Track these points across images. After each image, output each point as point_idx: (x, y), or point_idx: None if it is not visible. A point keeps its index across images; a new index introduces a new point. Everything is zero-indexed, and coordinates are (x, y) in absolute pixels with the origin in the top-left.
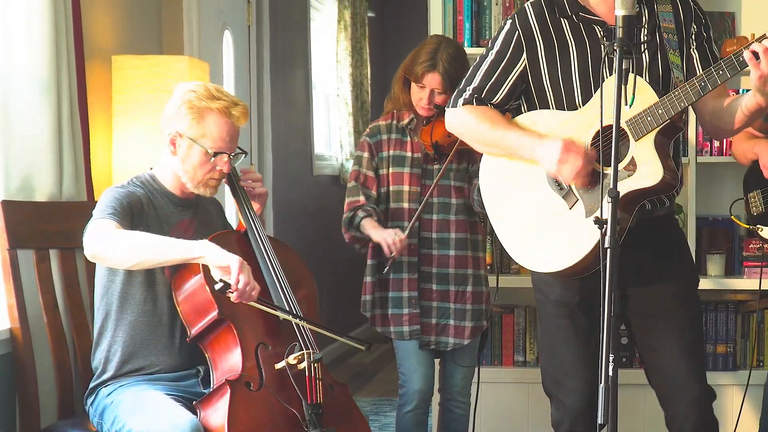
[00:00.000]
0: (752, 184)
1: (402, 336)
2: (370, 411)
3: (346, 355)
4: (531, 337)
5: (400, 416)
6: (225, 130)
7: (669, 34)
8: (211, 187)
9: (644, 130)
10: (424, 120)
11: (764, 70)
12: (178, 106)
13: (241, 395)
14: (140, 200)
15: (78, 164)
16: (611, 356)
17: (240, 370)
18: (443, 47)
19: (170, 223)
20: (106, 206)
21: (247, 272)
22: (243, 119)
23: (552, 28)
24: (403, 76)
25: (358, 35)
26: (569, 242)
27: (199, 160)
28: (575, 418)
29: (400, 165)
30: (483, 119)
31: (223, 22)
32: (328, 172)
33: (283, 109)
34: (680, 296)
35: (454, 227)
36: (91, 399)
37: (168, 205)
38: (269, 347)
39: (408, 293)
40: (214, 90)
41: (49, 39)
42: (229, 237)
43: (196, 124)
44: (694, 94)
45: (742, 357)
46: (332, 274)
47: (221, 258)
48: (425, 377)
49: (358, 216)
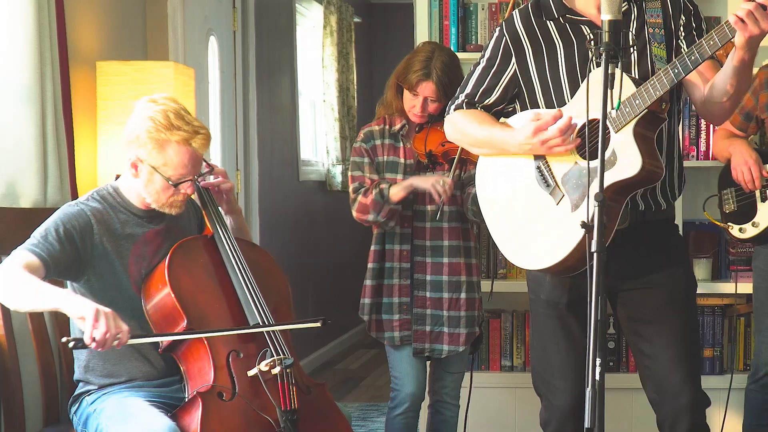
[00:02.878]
0: (726, 182)
1: (393, 341)
2: (357, 416)
3: (332, 361)
4: (518, 341)
5: (390, 419)
6: (186, 159)
7: (656, 29)
8: (177, 207)
9: (623, 120)
10: (416, 127)
11: (752, 30)
12: (137, 132)
13: (213, 406)
14: (91, 219)
15: (62, 170)
16: (598, 360)
17: (211, 380)
18: (437, 55)
19: (136, 236)
20: (39, 233)
21: (104, 321)
22: (203, 148)
23: (539, 31)
24: (396, 83)
25: (344, 41)
26: (556, 239)
27: (161, 186)
28: (563, 418)
29: (393, 171)
30: (472, 120)
31: (208, 27)
32: (315, 177)
33: (268, 115)
34: (674, 302)
35: (447, 235)
36: (75, 407)
37: (131, 219)
38: (241, 354)
39: (399, 299)
40: (174, 117)
41: (33, 45)
42: (196, 243)
43: (156, 153)
44: (668, 80)
45: (729, 361)
46: (319, 278)
47: (76, 309)
48: (417, 381)
49: (384, 189)
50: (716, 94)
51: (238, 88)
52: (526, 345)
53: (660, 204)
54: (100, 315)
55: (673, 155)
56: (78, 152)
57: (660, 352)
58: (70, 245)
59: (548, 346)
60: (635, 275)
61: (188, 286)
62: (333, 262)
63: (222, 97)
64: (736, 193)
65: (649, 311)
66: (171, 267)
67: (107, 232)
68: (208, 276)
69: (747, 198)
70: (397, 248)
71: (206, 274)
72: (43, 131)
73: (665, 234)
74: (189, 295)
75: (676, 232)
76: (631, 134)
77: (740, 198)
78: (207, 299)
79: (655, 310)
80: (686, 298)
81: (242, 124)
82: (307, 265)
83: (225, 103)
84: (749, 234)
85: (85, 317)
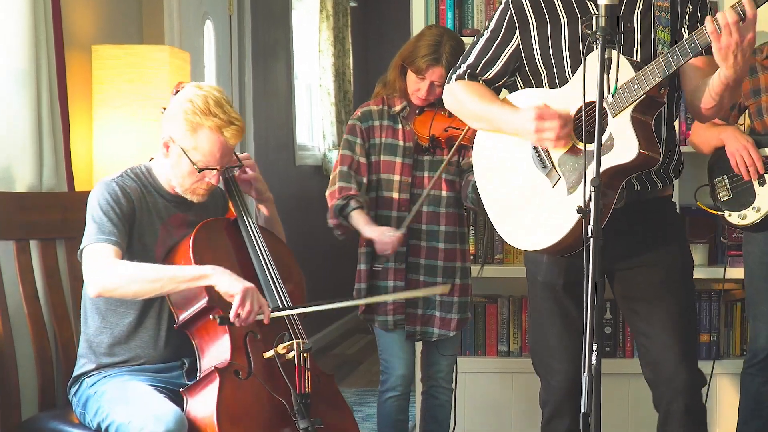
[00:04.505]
0: (718, 170)
1: (386, 325)
2: (354, 401)
3: (329, 346)
4: (514, 326)
5: (382, 402)
6: (216, 147)
7: (662, 12)
8: (199, 195)
9: (621, 105)
10: (417, 109)
11: (723, 41)
12: (176, 112)
13: (230, 383)
14: (132, 196)
15: (58, 154)
16: (594, 345)
17: (229, 358)
18: (446, 40)
19: (162, 217)
20: (99, 219)
21: (250, 300)
22: (235, 139)
23: (544, 5)
24: (401, 64)
25: (340, 25)
26: (552, 221)
27: (187, 170)
28: (560, 399)
29: (392, 153)
30: (472, 94)
31: (204, 11)
32: (311, 162)
33: (265, 99)
34: (670, 281)
35: (444, 220)
36: (74, 389)
37: (160, 201)
38: (258, 336)
39: (394, 283)
40: (213, 104)
41: (28, 29)
42: (219, 224)
43: (189, 135)
44: (667, 67)
45: (725, 346)
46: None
47: (227, 286)
48: (407, 363)
49: (350, 206)
50: (700, 96)
51: (234, 73)
52: (523, 330)
53: (656, 184)
54: (247, 295)
55: (670, 138)
56: (73, 136)
57: (655, 332)
58: (126, 220)
59: (545, 327)
60: (631, 255)
61: (210, 263)
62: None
63: (218, 82)
64: (730, 181)
65: (645, 290)
66: (195, 244)
67: (141, 209)
68: (229, 257)
69: (742, 184)
70: None
71: (228, 254)
72: (38, 115)
73: (661, 212)
74: None
75: (672, 210)
76: (629, 119)
77: (735, 185)
78: None
79: (651, 289)
80: (682, 278)
81: (238, 109)
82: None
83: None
84: (750, 220)
85: (235, 296)
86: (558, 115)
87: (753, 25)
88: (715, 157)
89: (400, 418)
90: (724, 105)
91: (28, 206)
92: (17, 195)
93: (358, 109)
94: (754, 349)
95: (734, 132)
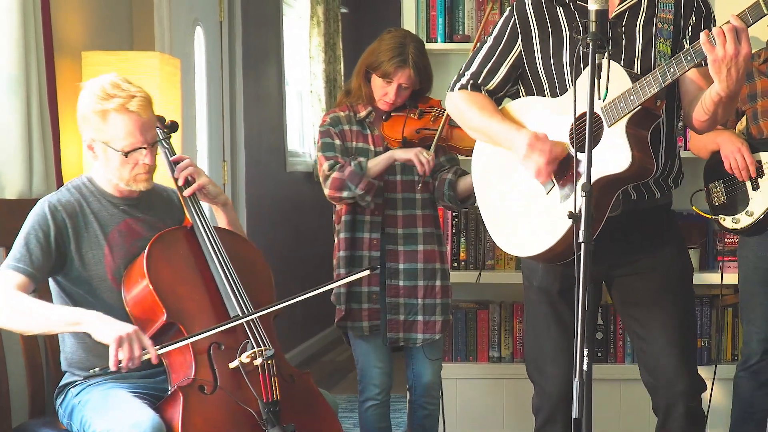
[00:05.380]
0: (713, 175)
1: (362, 332)
2: (345, 408)
3: (319, 354)
4: (506, 332)
5: (363, 411)
6: (131, 126)
7: (665, 24)
8: (142, 182)
9: (616, 115)
10: (383, 114)
11: (717, 53)
12: (83, 111)
13: (195, 400)
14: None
15: (48, 161)
16: (585, 351)
17: (193, 373)
18: (409, 41)
19: (109, 226)
20: (19, 248)
21: (126, 345)
22: (144, 111)
23: (548, 15)
24: (364, 70)
25: (331, 31)
26: (544, 228)
27: (118, 161)
28: (554, 405)
29: (364, 158)
30: (472, 106)
31: (194, 17)
32: (302, 168)
33: (255, 106)
34: (668, 287)
35: (421, 222)
36: (60, 399)
37: (107, 207)
38: (222, 346)
39: (368, 288)
40: (110, 87)
41: (17, 35)
42: (176, 234)
43: (102, 126)
44: (663, 78)
45: (716, 351)
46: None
47: (100, 335)
48: (384, 370)
49: (362, 161)
50: (695, 109)
51: (224, 79)
52: (514, 336)
53: (653, 193)
54: (123, 341)
55: (670, 148)
56: (63, 142)
57: (654, 338)
58: (49, 248)
59: (540, 332)
60: (628, 262)
61: (167, 279)
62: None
63: (208, 88)
64: (725, 185)
65: (643, 296)
66: (150, 259)
67: (81, 223)
68: (188, 268)
69: (736, 189)
70: (366, 236)
71: (186, 265)
72: (28, 121)
73: (658, 219)
74: (168, 288)
75: (670, 217)
76: (624, 130)
77: (729, 189)
78: (187, 291)
79: (649, 294)
80: (680, 283)
81: (229, 115)
82: (294, 255)
83: (211, 93)
84: (743, 224)
85: (110, 344)
86: (549, 150)
87: (747, 41)
88: (711, 162)
89: (382, 426)
90: (717, 119)
91: (18, 213)
92: (7, 201)
93: (325, 116)
94: (747, 353)
95: (730, 135)
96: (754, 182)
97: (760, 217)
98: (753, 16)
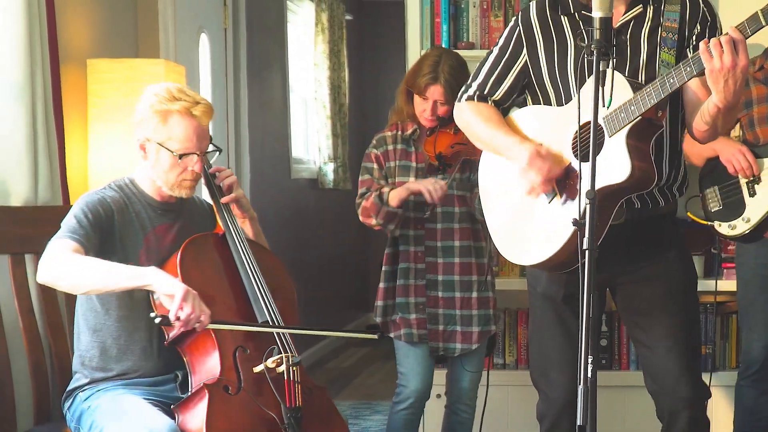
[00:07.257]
0: (708, 181)
1: (411, 338)
2: (350, 415)
3: (324, 360)
4: (511, 339)
5: (393, 413)
6: (190, 131)
7: (669, 33)
8: (186, 188)
9: (617, 126)
10: (427, 131)
11: (715, 65)
12: (143, 111)
13: (219, 399)
14: (112, 207)
15: (53, 168)
16: (590, 357)
17: (218, 373)
18: (444, 59)
19: (147, 228)
20: (71, 222)
21: (191, 301)
22: (205, 118)
23: (552, 25)
24: (406, 88)
25: (335, 38)
26: (547, 236)
27: (168, 164)
28: (559, 412)
29: (405, 174)
30: (478, 117)
31: (199, 25)
32: (306, 175)
33: (260, 113)
34: (672, 294)
35: (458, 235)
36: (68, 403)
37: (146, 210)
38: (248, 350)
39: (415, 299)
40: (176, 91)
41: (23, 43)
42: (206, 240)
43: (161, 128)
44: (663, 89)
45: (721, 358)
46: (309, 277)
47: (166, 287)
48: (423, 378)
49: (384, 192)
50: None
51: (229, 86)
52: (519, 343)
53: (658, 202)
54: (188, 295)
55: (674, 157)
56: (69, 150)
57: (658, 345)
58: (100, 230)
59: (545, 339)
60: (631, 269)
61: (198, 281)
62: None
63: (213, 95)
64: (721, 192)
65: (647, 304)
66: (182, 261)
67: (123, 221)
68: (217, 272)
69: (732, 195)
70: (411, 249)
71: (216, 270)
72: (33, 129)
73: (662, 227)
74: (198, 289)
75: (673, 225)
76: (624, 140)
77: (725, 196)
78: (216, 295)
79: (653, 302)
80: (685, 290)
81: (233, 122)
82: (298, 263)
83: (216, 100)
84: (740, 230)
85: (174, 296)
86: (548, 169)
87: (745, 52)
88: (707, 168)
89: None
90: (718, 129)
91: (23, 220)
92: (12, 209)
93: (374, 138)
94: (748, 361)
95: (726, 140)
96: (751, 188)
97: (757, 224)
98: (751, 28)
